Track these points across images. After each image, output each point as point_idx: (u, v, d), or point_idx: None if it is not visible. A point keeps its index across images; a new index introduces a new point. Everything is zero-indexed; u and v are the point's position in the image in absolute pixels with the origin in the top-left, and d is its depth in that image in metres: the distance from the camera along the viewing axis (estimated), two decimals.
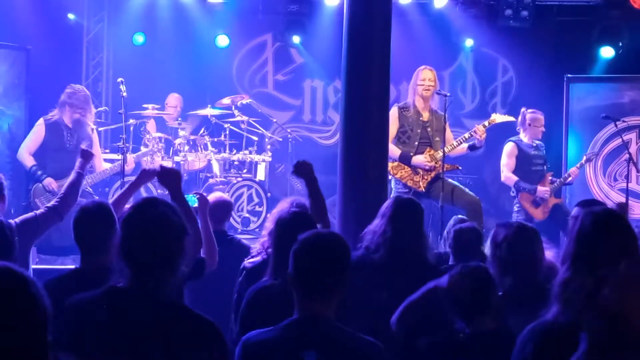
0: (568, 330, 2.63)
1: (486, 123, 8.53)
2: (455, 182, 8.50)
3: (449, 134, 8.46)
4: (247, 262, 4.86)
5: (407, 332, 3.89)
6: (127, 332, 2.76)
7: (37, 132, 8.73)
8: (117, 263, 2.90)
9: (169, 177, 4.08)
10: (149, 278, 2.84)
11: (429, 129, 8.33)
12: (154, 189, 9.50)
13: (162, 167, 4.21)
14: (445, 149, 8.12)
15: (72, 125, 8.71)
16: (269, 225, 4.76)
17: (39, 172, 8.56)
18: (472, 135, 8.41)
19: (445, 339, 3.74)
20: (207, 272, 4.81)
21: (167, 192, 4.31)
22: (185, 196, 5.46)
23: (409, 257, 4.49)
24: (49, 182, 8.52)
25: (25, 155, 8.68)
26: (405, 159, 8.20)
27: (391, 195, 7.19)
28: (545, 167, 9.36)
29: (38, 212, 5.43)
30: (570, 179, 9.46)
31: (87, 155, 5.64)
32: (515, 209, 9.22)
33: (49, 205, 5.46)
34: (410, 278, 4.35)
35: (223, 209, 6.01)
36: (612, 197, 10.44)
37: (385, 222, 4.57)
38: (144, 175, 5.35)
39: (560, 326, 2.67)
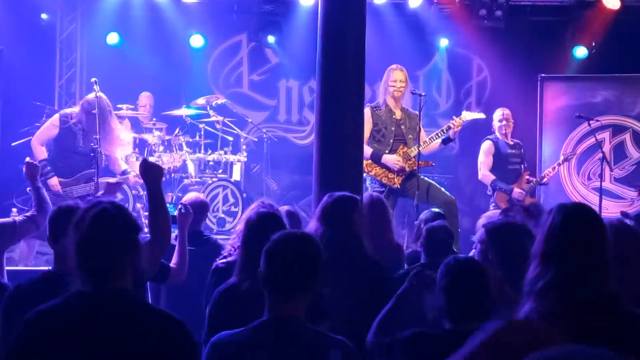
0: (539, 331, 2.65)
1: (458, 121, 8.53)
2: (431, 181, 8.52)
3: (422, 133, 8.49)
4: (220, 262, 4.86)
5: (382, 345, 3.88)
6: (96, 337, 2.72)
7: (50, 126, 8.51)
8: (74, 268, 2.86)
9: (151, 172, 4.03)
10: (109, 280, 2.80)
11: (402, 127, 8.37)
12: (141, 189, 9.48)
13: (144, 160, 4.12)
14: (418, 146, 8.15)
15: (88, 129, 8.29)
16: (240, 226, 4.78)
17: (48, 169, 8.36)
18: (446, 131, 8.44)
19: (428, 333, 3.72)
20: (174, 282, 4.80)
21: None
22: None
23: (347, 253, 4.54)
24: (54, 183, 8.31)
25: (37, 145, 8.46)
26: (375, 158, 8.22)
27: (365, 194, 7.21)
28: (522, 166, 9.41)
29: (18, 219, 5.45)
30: (546, 179, 9.52)
31: (33, 169, 5.61)
32: (491, 208, 9.25)
33: (27, 214, 5.49)
34: (351, 272, 4.44)
35: (199, 209, 5.98)
36: (587, 196, 10.51)
37: (318, 222, 4.66)
38: (110, 189, 5.38)
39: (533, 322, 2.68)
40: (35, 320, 2.77)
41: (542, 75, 10.97)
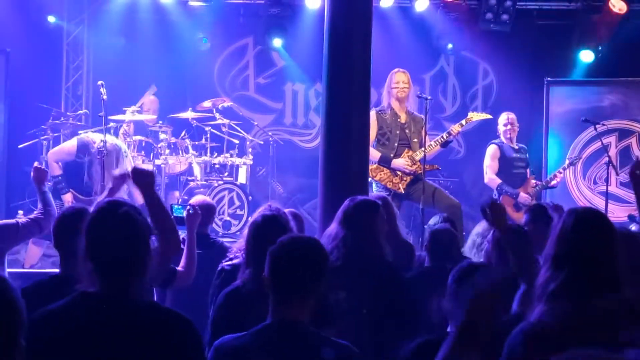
0: (554, 329, 2.65)
1: (463, 122, 8.58)
2: (436, 185, 8.52)
3: (425, 137, 8.49)
4: (225, 264, 4.86)
5: None
6: (102, 338, 2.72)
7: (67, 152, 8.63)
8: (83, 268, 2.86)
9: (142, 178, 4.04)
10: (119, 281, 2.79)
11: (407, 131, 8.38)
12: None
13: (134, 168, 4.18)
14: (424, 150, 8.16)
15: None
16: (247, 231, 4.79)
17: (62, 184, 8.42)
18: (449, 136, 8.44)
19: (432, 340, 3.72)
20: (181, 286, 4.80)
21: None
22: (173, 206, 5.45)
23: (365, 258, 4.53)
24: (69, 199, 8.36)
25: (52, 162, 8.58)
26: (384, 162, 8.24)
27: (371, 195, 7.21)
28: (527, 170, 9.39)
29: (21, 220, 5.42)
30: (553, 182, 9.49)
31: (41, 175, 5.55)
32: None
33: (31, 217, 5.44)
34: (368, 278, 4.43)
35: (206, 212, 5.98)
36: (593, 200, 10.50)
37: (338, 225, 4.63)
38: (118, 180, 5.36)
39: (546, 326, 2.69)
40: (41, 321, 2.77)
41: (548, 79, 10.96)
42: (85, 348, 2.71)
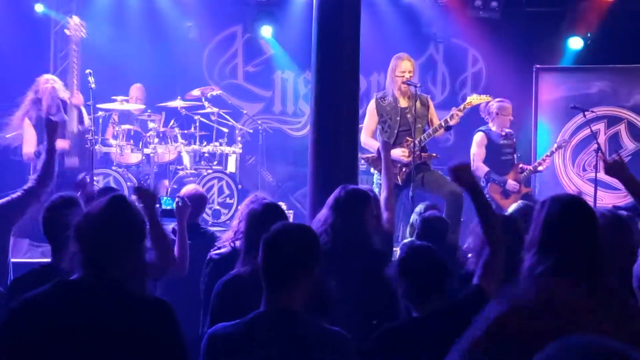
0: (537, 304, 2.67)
1: (462, 107, 8.44)
2: (438, 172, 8.40)
3: (434, 116, 8.40)
4: (214, 254, 4.87)
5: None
6: (78, 324, 2.73)
7: (30, 132, 8.46)
8: (71, 256, 2.86)
9: (145, 198, 4.17)
10: (106, 270, 2.80)
11: (408, 115, 8.17)
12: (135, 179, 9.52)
13: (137, 187, 4.32)
14: (423, 136, 8.10)
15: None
16: (236, 222, 4.79)
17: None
18: (449, 121, 8.30)
19: (395, 325, 3.75)
20: (174, 276, 4.81)
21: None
22: (162, 198, 5.45)
23: (353, 244, 4.58)
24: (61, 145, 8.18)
25: (27, 152, 8.43)
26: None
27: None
28: (515, 156, 9.38)
29: (14, 195, 5.29)
30: (540, 167, 9.49)
31: (52, 127, 5.34)
32: None
33: (24, 187, 5.28)
34: (356, 264, 4.48)
35: (197, 202, 5.97)
36: (582, 187, 10.53)
37: (328, 211, 4.69)
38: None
39: (529, 300, 2.72)
40: (20, 309, 2.79)
41: (538, 66, 10.97)
42: (61, 334, 2.72)
